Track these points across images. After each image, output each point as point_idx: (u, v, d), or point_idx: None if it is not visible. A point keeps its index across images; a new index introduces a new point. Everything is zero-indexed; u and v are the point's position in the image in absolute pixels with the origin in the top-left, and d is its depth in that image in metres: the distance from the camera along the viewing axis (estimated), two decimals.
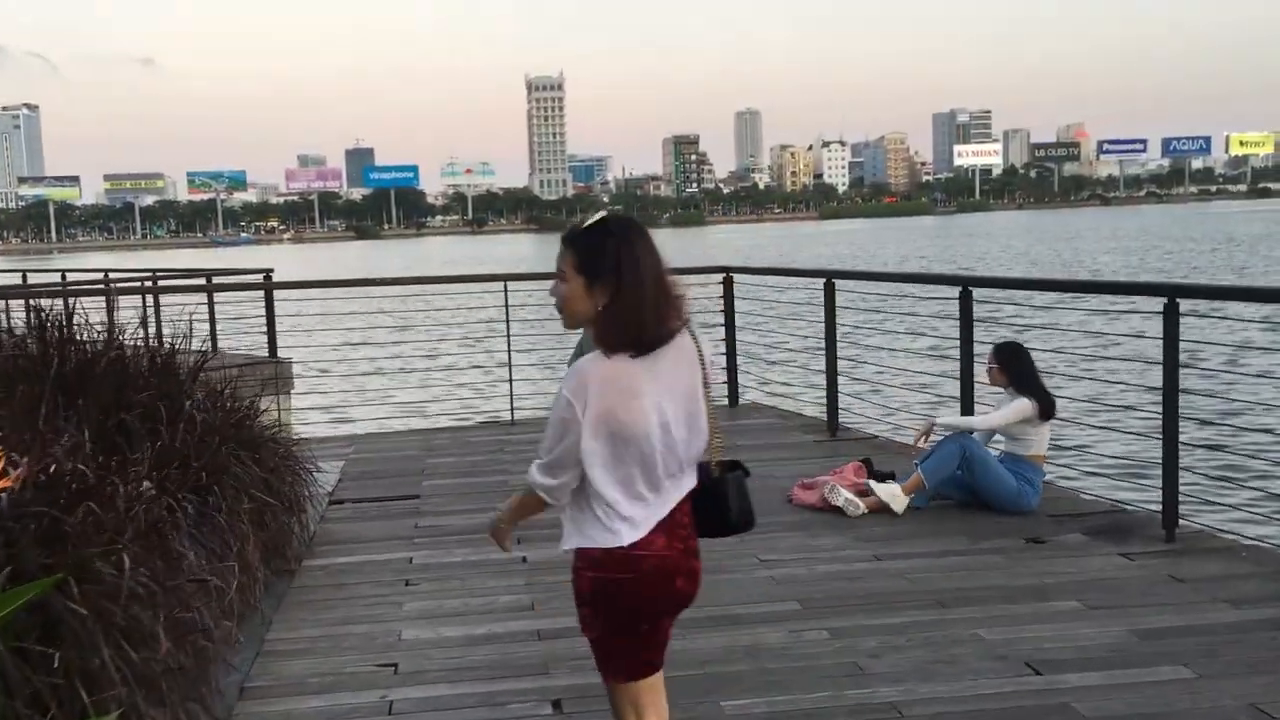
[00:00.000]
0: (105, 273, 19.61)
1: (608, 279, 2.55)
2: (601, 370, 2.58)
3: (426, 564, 5.62)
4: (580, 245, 2.61)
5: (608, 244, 2.58)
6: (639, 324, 2.56)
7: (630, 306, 2.55)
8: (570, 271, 2.60)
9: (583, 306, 2.60)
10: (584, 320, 2.64)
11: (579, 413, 2.57)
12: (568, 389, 2.59)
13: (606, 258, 2.56)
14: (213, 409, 5.34)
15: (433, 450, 8.35)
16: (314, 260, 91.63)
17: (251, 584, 4.87)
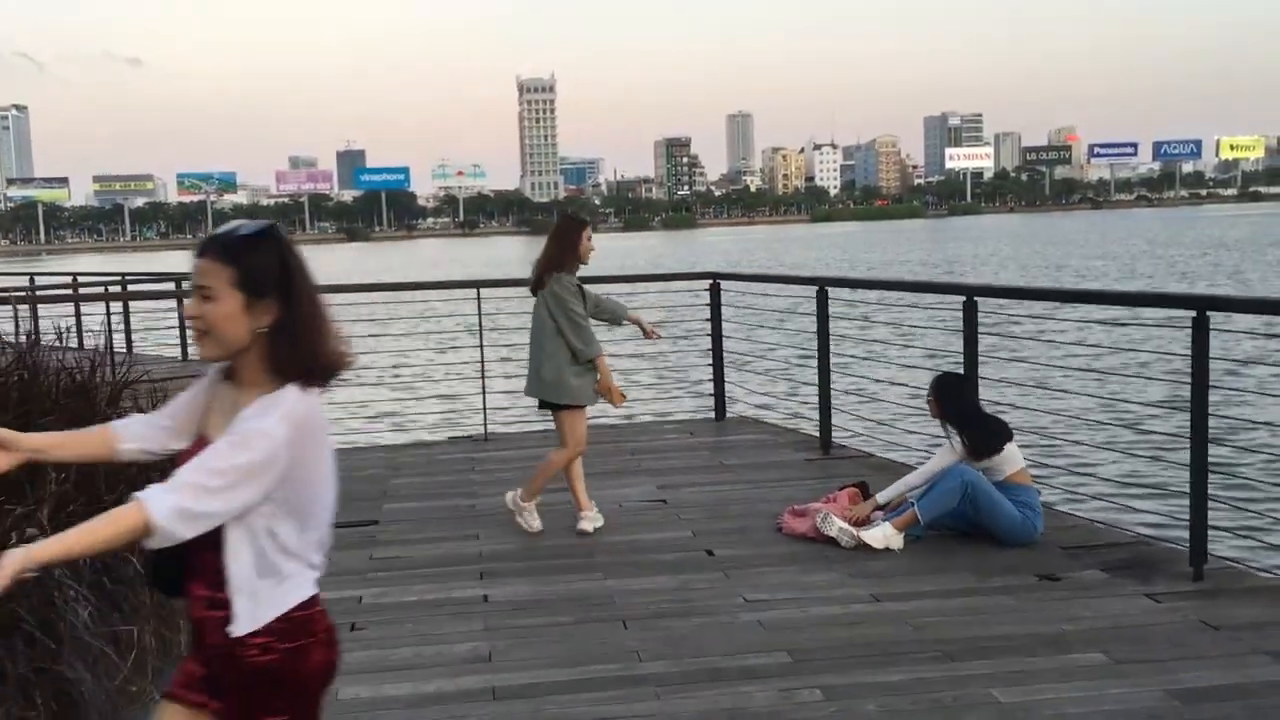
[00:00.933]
0: (74, 276, 19.10)
1: (274, 295, 2.21)
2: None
3: (378, 604, 5.08)
4: (239, 257, 2.21)
5: (274, 254, 2.25)
6: (318, 346, 2.26)
7: (308, 326, 2.24)
8: (222, 288, 2.20)
9: (238, 330, 2.21)
10: (238, 347, 2.23)
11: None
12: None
13: (273, 270, 2.22)
14: None
15: (398, 469, 7.81)
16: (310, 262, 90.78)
17: (173, 633, 4.34)
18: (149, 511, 2.06)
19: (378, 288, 10.56)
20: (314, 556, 2.39)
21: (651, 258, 74.35)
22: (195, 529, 2.13)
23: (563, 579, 5.33)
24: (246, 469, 2.12)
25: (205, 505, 2.11)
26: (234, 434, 2.16)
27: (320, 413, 2.26)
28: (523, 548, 5.88)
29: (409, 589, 5.25)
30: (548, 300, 6.00)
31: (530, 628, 4.69)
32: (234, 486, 2.12)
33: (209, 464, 2.14)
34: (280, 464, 2.15)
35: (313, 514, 2.32)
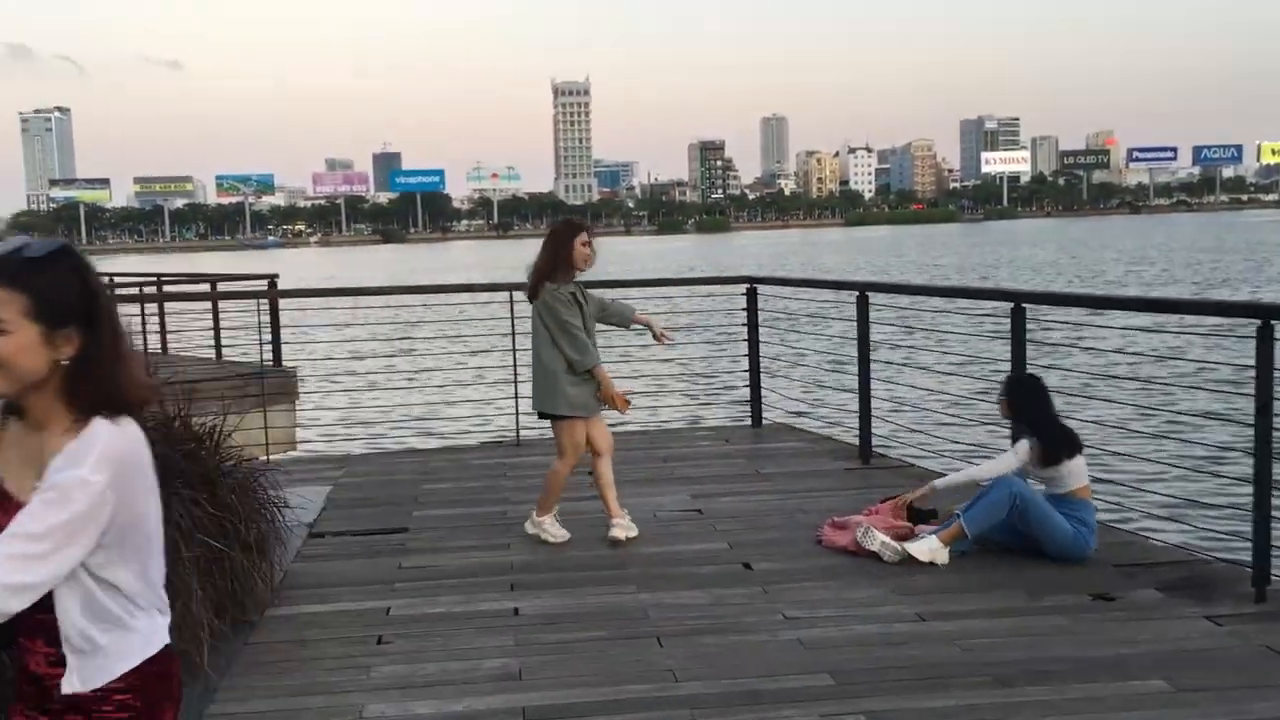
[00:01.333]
0: (110, 276, 19.14)
1: (75, 323, 1.96)
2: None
3: (405, 615, 4.93)
4: (32, 281, 1.95)
5: (73, 276, 1.98)
6: (124, 378, 1.99)
7: (112, 356, 1.98)
8: (14, 318, 1.93)
9: (35, 363, 1.94)
10: (33, 381, 1.96)
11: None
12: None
13: (72, 295, 1.96)
14: (161, 437, 4.67)
15: (429, 474, 7.67)
16: (340, 263, 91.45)
17: (194, 647, 4.22)
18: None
19: (410, 290, 10.44)
20: (161, 600, 2.18)
21: (683, 261, 74.18)
22: (24, 601, 1.92)
23: (595, 591, 5.17)
24: (69, 526, 1.89)
25: (32, 575, 1.88)
26: (48, 489, 1.92)
27: (139, 441, 2.01)
28: (554, 558, 5.72)
29: (437, 600, 5.11)
30: (540, 310, 5.88)
31: (562, 643, 4.53)
32: (60, 548, 1.89)
33: (27, 529, 1.90)
34: (106, 511, 1.92)
35: (152, 553, 2.11)
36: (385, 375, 12.65)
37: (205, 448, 5.02)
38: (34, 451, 2.02)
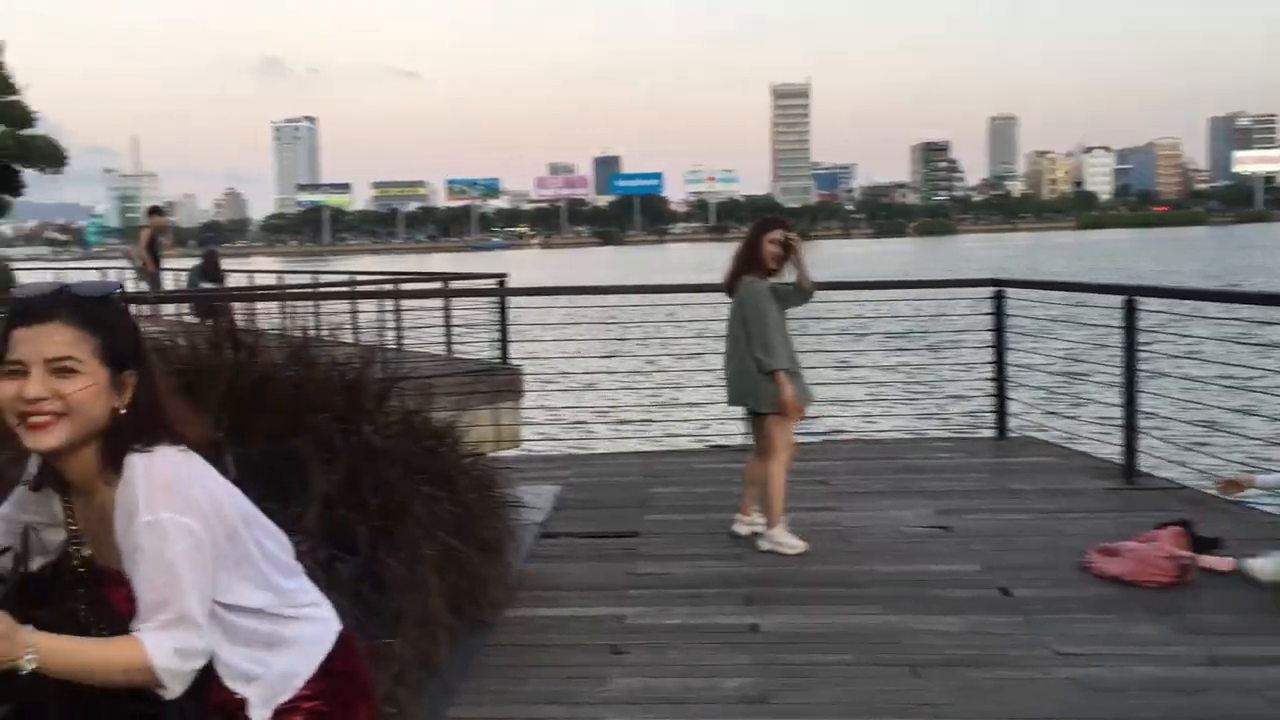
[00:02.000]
0: (352, 275, 20.05)
1: (132, 366, 1.86)
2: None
3: (640, 625, 4.75)
4: (104, 322, 1.83)
5: (129, 318, 1.92)
6: (176, 426, 1.90)
7: (161, 395, 1.90)
8: (88, 359, 1.79)
9: (101, 408, 1.82)
10: (95, 433, 1.82)
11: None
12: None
13: (132, 337, 1.89)
14: (403, 433, 4.65)
15: (656, 477, 7.51)
16: (560, 264, 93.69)
17: (433, 646, 4.15)
18: (149, 654, 1.75)
19: (636, 290, 10.36)
20: (308, 593, 2.05)
21: (903, 264, 72.30)
22: (198, 663, 1.81)
23: (838, 610, 4.85)
24: (175, 573, 1.76)
25: (185, 640, 1.78)
26: (131, 553, 1.78)
27: (176, 456, 1.85)
28: (791, 572, 5.42)
29: (671, 610, 4.90)
30: (738, 303, 5.80)
31: (806, 666, 4.24)
32: (188, 596, 1.78)
33: (147, 602, 1.77)
34: (195, 538, 1.79)
35: (267, 555, 1.99)
36: (609, 375, 12.63)
37: (444, 444, 4.98)
38: (102, 515, 1.88)
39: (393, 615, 3.88)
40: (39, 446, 1.80)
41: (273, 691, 1.94)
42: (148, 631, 1.76)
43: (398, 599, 3.92)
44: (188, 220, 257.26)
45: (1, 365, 1.78)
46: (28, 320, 1.78)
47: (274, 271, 26.39)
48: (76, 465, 1.85)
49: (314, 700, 1.99)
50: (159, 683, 1.76)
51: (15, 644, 1.65)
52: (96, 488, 1.86)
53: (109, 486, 1.83)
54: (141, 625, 1.76)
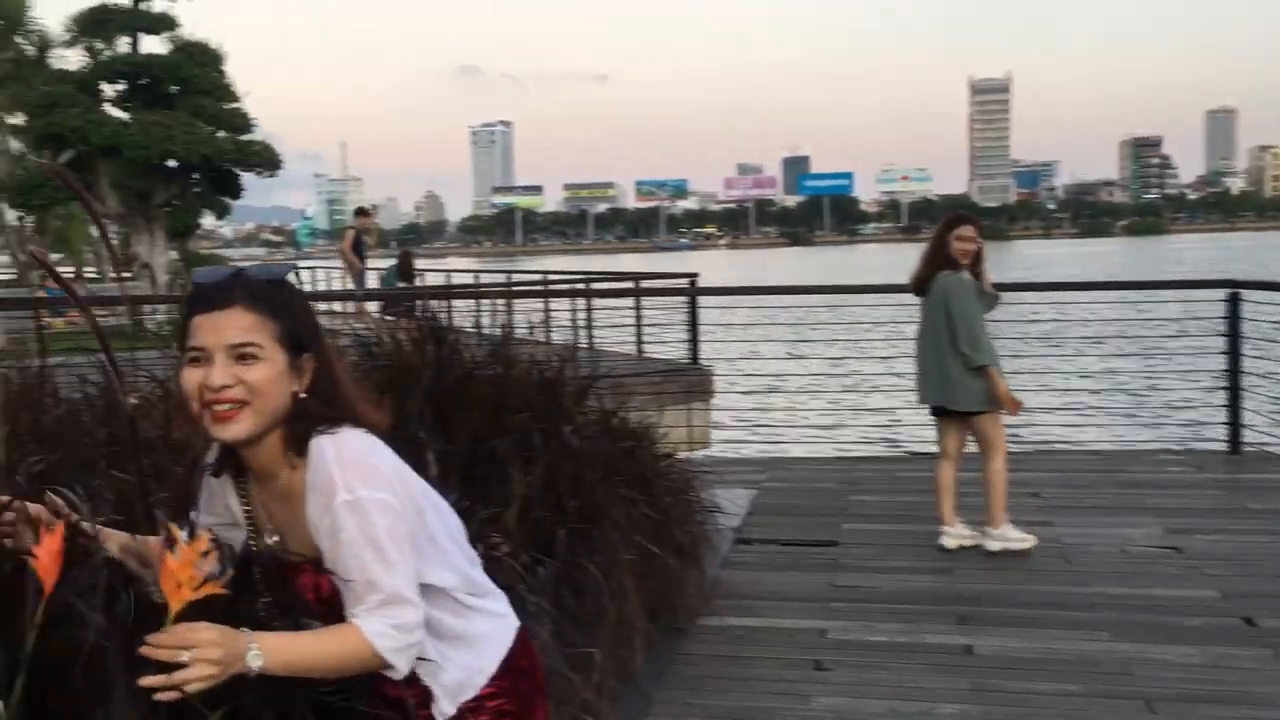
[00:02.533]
0: (544, 274, 20.36)
1: (310, 350, 1.82)
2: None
3: (844, 640, 4.52)
4: (282, 306, 1.79)
5: (304, 301, 1.87)
6: (354, 408, 1.85)
7: (339, 377, 1.86)
8: (269, 344, 1.75)
9: (284, 395, 1.78)
10: (280, 418, 1.78)
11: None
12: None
13: (309, 319, 1.85)
14: (601, 433, 4.56)
15: (856, 484, 7.23)
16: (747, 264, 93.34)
17: (630, 653, 4.03)
18: (369, 638, 1.71)
19: (833, 289, 10.06)
20: (486, 586, 1.98)
21: (1109, 266, 68.89)
22: (415, 649, 1.77)
23: (1060, 635, 4.49)
24: (381, 550, 1.72)
25: (401, 617, 1.73)
26: (331, 538, 1.73)
27: (361, 437, 1.80)
28: (1007, 591, 5.08)
29: (876, 627, 4.65)
30: (942, 298, 5.57)
31: (1027, 695, 3.93)
32: (398, 573, 1.73)
33: (357, 587, 1.72)
34: (393, 513, 1.75)
35: (457, 542, 1.94)
36: (799, 377, 12.39)
37: (642, 445, 4.87)
38: (287, 500, 1.83)
39: (591, 620, 3.79)
40: (225, 437, 1.76)
41: (458, 686, 1.88)
42: (363, 615, 1.72)
43: (596, 604, 3.83)
44: (390, 222, 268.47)
45: (184, 352, 1.75)
46: (207, 306, 1.74)
47: (469, 271, 27.10)
48: (261, 452, 1.81)
49: (499, 699, 1.92)
50: (386, 664, 1.73)
51: (238, 646, 1.61)
52: (279, 473, 1.82)
53: (294, 471, 1.80)
54: (355, 610, 1.72)
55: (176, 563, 1.55)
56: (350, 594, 1.73)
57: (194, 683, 1.54)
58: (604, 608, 3.86)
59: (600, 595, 3.85)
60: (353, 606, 1.73)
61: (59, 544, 1.57)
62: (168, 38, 19.95)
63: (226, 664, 1.58)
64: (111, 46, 21.73)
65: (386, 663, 1.73)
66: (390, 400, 3.94)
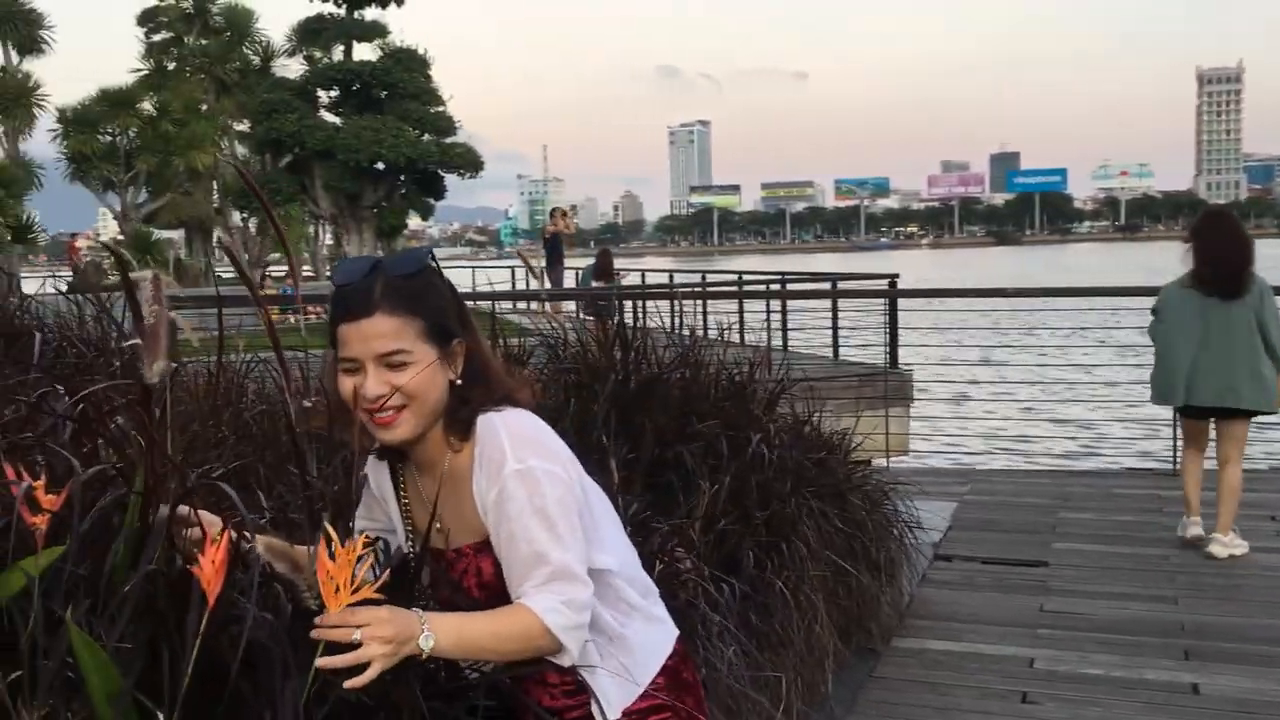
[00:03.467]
0: (739, 274, 20.16)
1: (458, 336, 1.76)
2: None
3: (1053, 671, 4.18)
4: (423, 300, 1.72)
5: (444, 285, 1.79)
6: (506, 386, 1.80)
7: (488, 356, 1.81)
8: (416, 345, 1.69)
9: (438, 393, 1.73)
10: (436, 416, 1.74)
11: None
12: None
13: (452, 305, 1.77)
14: (792, 440, 4.35)
15: (1066, 500, 6.77)
16: (949, 264, 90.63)
17: (818, 675, 3.82)
18: (540, 615, 1.64)
19: (1044, 292, 9.54)
20: (646, 586, 1.89)
21: None
22: (585, 627, 1.69)
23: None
24: (550, 521, 1.67)
25: (572, 592, 1.66)
26: (500, 507, 1.67)
27: (529, 415, 1.78)
28: (1239, 624, 4.61)
29: (1090, 658, 4.28)
30: (1255, 301, 5.38)
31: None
32: (568, 548, 1.67)
33: (524, 556, 1.66)
34: (564, 485, 1.71)
35: (620, 533, 1.87)
36: (1008, 385, 11.79)
37: (835, 455, 4.64)
38: (452, 483, 1.77)
39: (778, 640, 3.60)
40: (389, 440, 1.75)
41: (618, 694, 1.78)
42: (531, 592, 1.65)
43: (783, 623, 3.64)
44: (589, 222, 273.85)
45: (338, 361, 1.73)
46: (350, 315, 1.70)
47: (664, 270, 27.16)
48: (425, 444, 1.78)
49: (664, 713, 1.82)
50: (557, 644, 1.65)
51: (410, 625, 1.54)
52: (442, 459, 1.78)
53: (457, 454, 1.77)
54: (523, 587, 1.66)
55: (334, 566, 1.47)
56: (516, 570, 1.67)
57: (368, 661, 1.48)
58: (792, 627, 3.67)
59: (788, 614, 3.66)
60: (519, 585, 1.66)
61: (224, 555, 1.51)
62: (378, 44, 20.78)
63: (399, 642, 1.52)
64: (327, 54, 22.81)
65: (557, 642, 1.64)
66: (575, 403, 3.89)
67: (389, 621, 1.51)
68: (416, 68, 20.10)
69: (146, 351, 1.71)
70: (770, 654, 3.50)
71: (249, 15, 28.79)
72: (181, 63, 28.69)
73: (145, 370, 1.71)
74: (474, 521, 1.73)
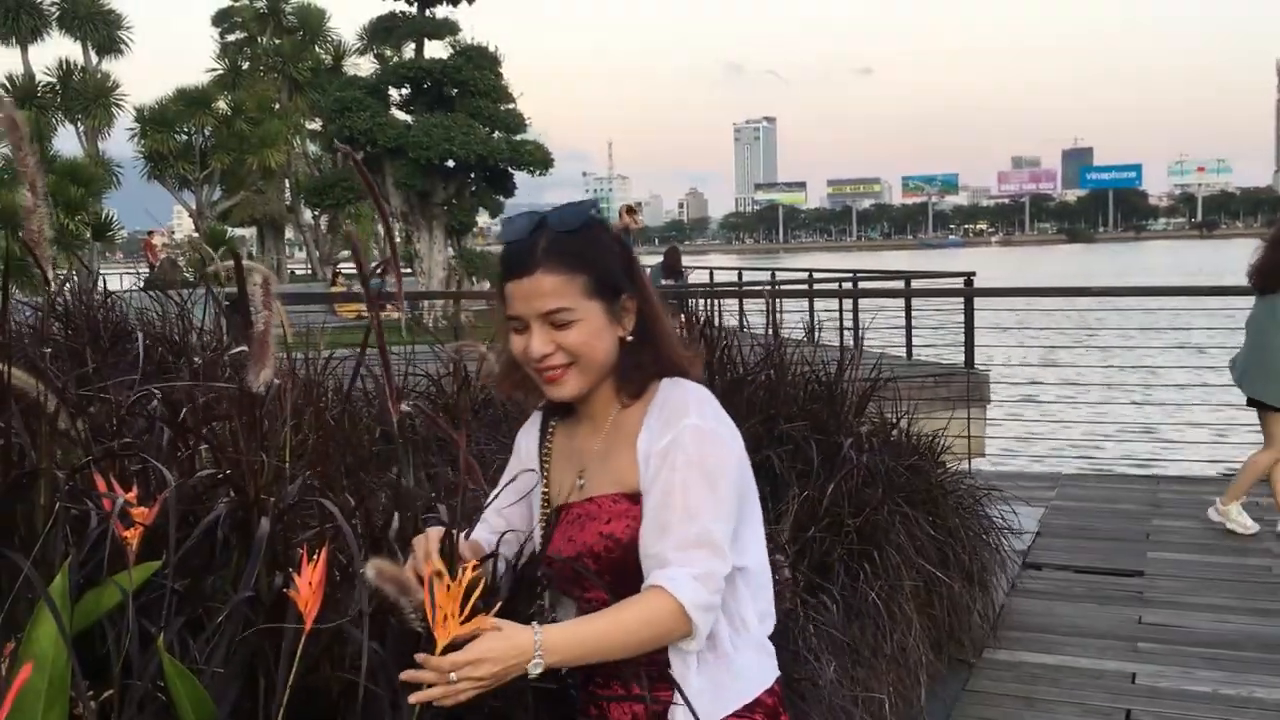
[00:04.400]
0: (810, 272, 19.94)
1: (627, 290, 1.68)
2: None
3: (1157, 688, 3.99)
4: (588, 254, 1.65)
5: (611, 237, 1.71)
6: (676, 344, 1.72)
7: (660, 316, 1.72)
8: (580, 303, 1.63)
9: (607, 349, 1.67)
10: (607, 370, 1.68)
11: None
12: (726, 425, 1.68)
13: (619, 258, 1.69)
14: (882, 444, 4.21)
15: (1159, 507, 6.53)
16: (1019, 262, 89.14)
17: (911, 689, 3.68)
18: (672, 590, 1.53)
19: (1127, 291, 9.24)
20: (767, 610, 1.74)
21: None
22: (717, 597, 1.58)
23: None
24: (712, 486, 1.58)
25: (710, 565, 1.56)
26: (675, 451, 1.58)
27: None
28: None
29: (1194, 674, 4.10)
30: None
31: None
32: (718, 519, 1.58)
33: (669, 518, 1.56)
34: (736, 462, 1.65)
35: (763, 541, 1.74)
36: (1085, 386, 11.48)
37: (926, 459, 4.48)
38: (619, 436, 1.69)
39: (870, 652, 3.47)
40: (558, 397, 1.70)
41: (714, 706, 1.64)
42: (670, 554, 1.55)
43: (876, 634, 3.51)
44: (653, 219, 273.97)
45: (505, 320, 1.69)
46: (514, 273, 1.65)
47: (731, 268, 26.99)
48: (595, 399, 1.73)
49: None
50: (688, 625, 1.55)
51: (520, 650, 1.46)
52: (609, 412, 1.73)
53: (625, 409, 1.71)
54: (662, 544, 1.57)
55: (444, 595, 1.38)
56: (661, 523, 1.58)
57: (463, 694, 1.43)
58: (884, 638, 3.54)
59: (881, 625, 3.53)
60: (658, 541, 1.57)
61: (321, 575, 1.42)
62: (449, 42, 20.85)
63: (499, 677, 1.45)
64: (398, 53, 22.97)
65: (689, 623, 1.54)
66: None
67: (491, 660, 1.43)
68: (487, 65, 20.11)
69: (253, 359, 1.65)
70: (864, 667, 3.38)
71: (321, 15, 29.12)
72: (255, 62, 29.13)
73: (252, 377, 1.65)
74: (625, 472, 1.66)
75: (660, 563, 1.55)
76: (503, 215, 2.52)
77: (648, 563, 1.58)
